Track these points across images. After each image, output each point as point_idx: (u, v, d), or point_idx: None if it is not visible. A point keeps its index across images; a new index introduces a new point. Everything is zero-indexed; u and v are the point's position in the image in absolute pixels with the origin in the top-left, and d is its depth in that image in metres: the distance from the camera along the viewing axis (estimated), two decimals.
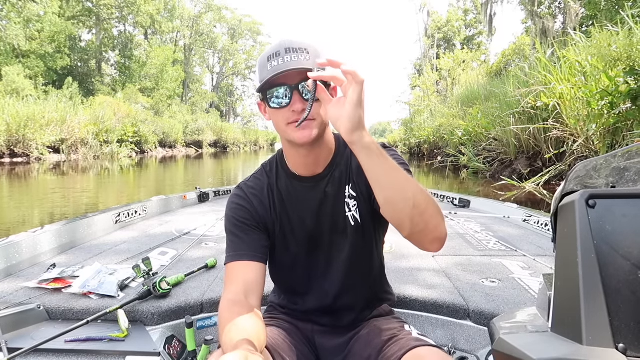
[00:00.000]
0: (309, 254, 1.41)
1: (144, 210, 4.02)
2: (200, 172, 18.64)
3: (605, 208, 0.81)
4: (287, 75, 1.16)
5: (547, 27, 20.79)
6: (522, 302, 2.03)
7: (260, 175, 1.43)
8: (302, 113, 1.16)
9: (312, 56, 1.17)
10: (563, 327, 0.80)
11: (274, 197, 1.39)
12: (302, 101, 1.18)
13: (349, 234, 1.38)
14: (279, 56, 1.17)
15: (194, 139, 37.55)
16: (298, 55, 1.16)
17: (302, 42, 1.20)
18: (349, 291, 1.42)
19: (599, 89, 7.50)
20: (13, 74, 25.27)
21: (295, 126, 1.18)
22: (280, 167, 1.41)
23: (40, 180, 12.89)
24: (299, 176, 1.37)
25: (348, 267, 1.39)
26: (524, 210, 4.12)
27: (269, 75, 1.16)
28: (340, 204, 1.37)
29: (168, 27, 48.15)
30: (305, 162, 1.34)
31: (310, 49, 1.19)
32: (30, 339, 1.70)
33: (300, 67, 1.14)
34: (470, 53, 35.77)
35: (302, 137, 1.21)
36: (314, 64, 1.11)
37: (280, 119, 1.22)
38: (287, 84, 1.18)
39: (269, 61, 1.18)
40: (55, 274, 2.24)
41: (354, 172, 1.36)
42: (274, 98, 1.20)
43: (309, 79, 1.05)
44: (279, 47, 1.18)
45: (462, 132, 14.28)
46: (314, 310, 1.45)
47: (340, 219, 1.37)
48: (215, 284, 2.26)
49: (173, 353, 1.81)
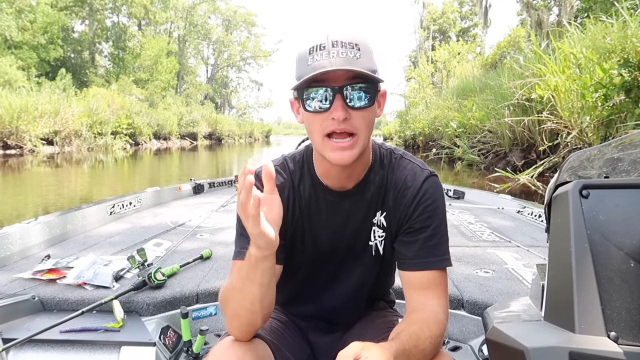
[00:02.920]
0: (314, 267, 1.29)
1: (138, 202, 4.01)
2: (195, 164, 18.59)
3: (598, 198, 0.81)
4: (330, 74, 0.98)
5: (542, 19, 20.78)
6: (515, 292, 2.05)
7: (282, 169, 1.24)
8: (344, 123, 1.01)
9: (363, 53, 1.00)
10: (556, 316, 0.81)
11: (294, 201, 1.23)
12: (345, 108, 1.00)
13: (366, 261, 1.27)
14: (324, 49, 0.99)
15: (188, 130, 37.33)
16: (347, 50, 0.99)
17: (353, 35, 1.02)
18: (350, 307, 1.36)
19: (593, 81, 7.51)
20: (5, 65, 24.97)
21: (335, 146, 1.03)
22: (306, 168, 1.24)
23: (34, 172, 12.81)
24: (325, 187, 1.21)
25: (354, 290, 1.32)
26: (517, 202, 4.15)
27: (310, 72, 0.99)
28: (365, 229, 1.23)
29: (162, 17, 47.70)
30: (338, 176, 1.18)
31: (362, 45, 1.01)
32: (25, 330, 1.70)
33: (349, 67, 0.97)
34: (465, 45, 35.71)
35: (339, 160, 1.05)
36: (364, 63, 0.99)
37: (316, 127, 1.05)
38: (329, 84, 1.00)
39: (310, 54, 1.01)
40: (50, 264, 2.23)
41: (390, 200, 1.21)
42: (310, 100, 1.02)
43: (357, 81, 0.96)
44: (324, 38, 1.00)
45: (456, 124, 14.30)
46: (310, 315, 1.39)
47: (359, 244, 1.25)
48: (210, 275, 2.26)
49: (168, 343, 1.82)
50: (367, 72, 0.99)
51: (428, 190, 1.17)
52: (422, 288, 1.15)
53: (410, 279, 1.17)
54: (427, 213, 1.16)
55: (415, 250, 1.16)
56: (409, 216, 1.18)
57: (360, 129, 1.04)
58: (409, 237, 1.18)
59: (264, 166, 0.91)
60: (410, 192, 1.18)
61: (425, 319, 1.07)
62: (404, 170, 1.21)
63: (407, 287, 1.18)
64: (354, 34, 1.02)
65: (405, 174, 1.20)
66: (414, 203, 1.17)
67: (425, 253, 1.16)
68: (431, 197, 1.17)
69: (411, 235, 1.18)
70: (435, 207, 1.17)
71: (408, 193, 1.18)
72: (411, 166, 1.22)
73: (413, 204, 1.17)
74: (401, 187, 1.19)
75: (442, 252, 1.17)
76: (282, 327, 1.34)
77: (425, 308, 1.12)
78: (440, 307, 1.13)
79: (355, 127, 1.03)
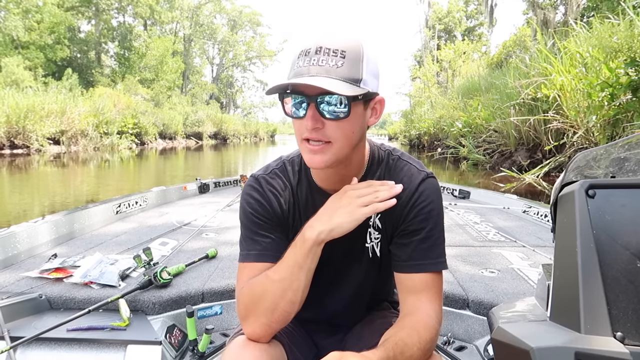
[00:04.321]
0: (315, 271, 1.26)
1: (144, 201, 4.03)
2: (201, 163, 18.63)
3: (604, 198, 0.81)
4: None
5: (548, 18, 20.67)
6: (521, 292, 2.04)
7: (281, 172, 1.25)
8: (315, 132, 1.02)
9: (347, 61, 0.98)
10: (561, 316, 0.81)
11: (294, 204, 1.23)
12: (318, 118, 1.00)
13: (364, 264, 1.27)
14: (307, 55, 0.99)
15: (194, 130, 37.42)
16: (328, 59, 0.97)
17: (341, 42, 0.99)
18: (351, 309, 1.36)
19: (599, 81, 7.48)
20: (12, 65, 25.15)
21: (307, 148, 1.04)
22: (303, 172, 1.24)
23: (41, 171, 12.88)
24: (321, 189, 1.21)
25: (354, 293, 1.31)
26: (523, 202, 4.13)
27: (291, 77, 1.00)
28: (361, 231, 1.20)
29: (167, 17, 47.82)
30: (328, 179, 1.19)
31: (349, 52, 0.99)
32: (32, 328, 1.71)
33: (320, 84, 0.94)
34: (471, 44, 35.63)
35: (311, 163, 1.06)
36: (345, 73, 0.97)
37: (296, 129, 1.07)
38: (305, 93, 1.00)
39: (298, 58, 1.01)
40: (57, 263, 2.25)
41: None
42: (288, 105, 1.05)
43: (332, 92, 0.95)
44: (312, 43, 1.00)
45: (462, 124, 14.26)
46: (312, 319, 1.39)
47: (357, 246, 1.25)
48: (216, 274, 2.27)
49: (174, 342, 1.83)
50: (334, 91, 0.95)
51: (424, 192, 1.16)
52: (415, 291, 1.13)
53: (404, 281, 1.16)
54: (422, 215, 1.15)
55: (409, 253, 1.15)
56: (404, 218, 1.16)
57: (335, 137, 1.03)
58: (403, 239, 1.17)
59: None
60: (405, 194, 1.15)
61: (415, 325, 1.06)
62: (400, 171, 1.20)
63: (400, 289, 1.17)
64: (343, 39, 1.00)
65: (402, 175, 1.19)
66: (409, 205, 1.15)
67: (420, 255, 1.14)
68: (427, 199, 1.15)
69: (406, 238, 1.16)
70: (431, 210, 1.15)
71: (403, 195, 1.15)
72: (408, 167, 1.20)
73: (408, 206, 1.15)
74: None
75: (437, 255, 1.15)
76: (292, 327, 1.33)
77: (417, 312, 1.10)
78: (433, 310, 1.12)
79: (328, 136, 1.02)
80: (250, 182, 1.25)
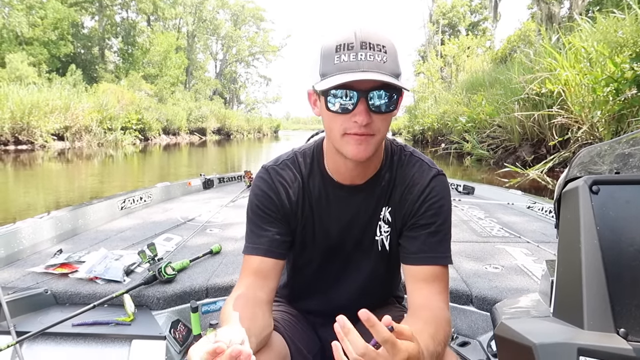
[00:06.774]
0: (323, 263, 1.31)
1: (148, 197, 4.04)
2: (204, 159, 18.65)
3: (608, 194, 0.81)
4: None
5: (553, 13, 20.54)
6: (524, 288, 2.04)
7: (292, 163, 1.25)
8: (365, 127, 1.01)
9: (389, 56, 0.99)
10: (565, 312, 0.81)
11: (304, 197, 1.23)
12: (368, 113, 1.00)
13: (373, 257, 1.28)
14: (352, 50, 0.97)
15: (197, 126, 37.45)
16: (375, 54, 0.97)
17: (380, 35, 1.00)
18: (357, 302, 1.35)
19: (604, 76, 7.44)
20: (17, 61, 25.20)
21: (352, 140, 1.03)
22: (316, 164, 1.24)
23: (45, 167, 12.92)
24: (336, 182, 1.21)
25: (361, 286, 1.32)
26: (528, 197, 4.11)
27: (335, 72, 0.98)
28: (372, 224, 1.24)
29: (171, 13, 47.74)
30: (350, 173, 1.19)
31: (388, 46, 1.00)
32: (38, 323, 1.72)
33: (377, 73, 0.96)
34: (475, 39, 35.43)
35: (357, 154, 1.05)
36: (391, 68, 0.99)
37: (337, 126, 1.04)
38: (356, 88, 0.98)
39: (337, 52, 0.99)
40: (62, 259, 2.26)
41: (397, 196, 1.22)
42: (334, 99, 1.01)
43: (382, 86, 0.97)
44: (353, 37, 0.98)
45: (466, 119, 14.22)
46: (318, 311, 1.39)
47: (367, 239, 1.26)
48: (220, 270, 2.28)
49: (178, 337, 1.84)
50: (394, 82, 0.97)
51: (435, 188, 1.18)
52: (426, 282, 1.15)
53: (414, 272, 1.17)
54: (432, 210, 1.17)
55: (418, 245, 1.17)
56: (415, 212, 1.18)
57: (379, 130, 1.05)
58: (413, 232, 1.19)
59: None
60: (417, 189, 1.19)
61: (436, 319, 1.06)
62: (412, 167, 1.22)
63: (410, 280, 1.18)
64: (381, 33, 1.01)
65: (414, 171, 1.21)
66: (420, 199, 1.18)
67: (429, 248, 1.16)
68: (438, 194, 1.18)
69: (415, 231, 1.18)
70: (441, 205, 1.18)
71: (415, 190, 1.19)
72: (420, 163, 1.22)
73: (419, 201, 1.18)
74: (409, 183, 1.20)
75: (445, 249, 1.18)
76: (295, 320, 1.35)
77: (431, 305, 1.11)
78: (445, 303, 1.14)
79: (375, 130, 1.04)
80: (260, 173, 1.25)
